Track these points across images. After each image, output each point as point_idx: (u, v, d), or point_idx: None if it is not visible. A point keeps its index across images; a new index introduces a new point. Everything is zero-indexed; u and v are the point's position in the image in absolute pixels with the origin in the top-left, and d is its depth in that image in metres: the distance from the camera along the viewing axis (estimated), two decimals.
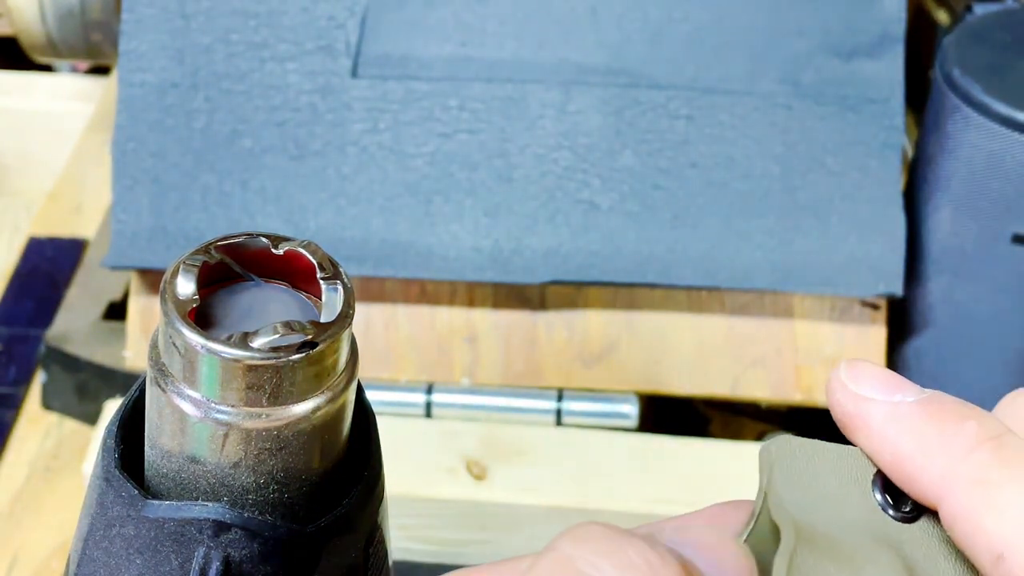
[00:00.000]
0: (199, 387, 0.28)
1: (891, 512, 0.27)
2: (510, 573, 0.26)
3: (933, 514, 0.26)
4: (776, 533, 0.26)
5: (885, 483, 0.27)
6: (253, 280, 0.30)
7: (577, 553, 0.24)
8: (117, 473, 0.30)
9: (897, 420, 0.26)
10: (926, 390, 0.27)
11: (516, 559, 0.26)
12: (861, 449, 0.27)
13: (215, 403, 0.28)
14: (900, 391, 0.27)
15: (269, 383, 0.28)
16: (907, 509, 0.27)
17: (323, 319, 0.29)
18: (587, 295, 0.64)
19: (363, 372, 0.31)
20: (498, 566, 0.26)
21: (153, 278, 0.64)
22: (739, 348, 0.64)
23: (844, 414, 0.27)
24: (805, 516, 0.27)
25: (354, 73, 0.64)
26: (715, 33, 0.64)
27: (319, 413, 0.29)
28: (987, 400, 0.28)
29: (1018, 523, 0.24)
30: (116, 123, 0.64)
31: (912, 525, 0.27)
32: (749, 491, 0.28)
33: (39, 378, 0.70)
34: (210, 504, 0.29)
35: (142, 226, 0.63)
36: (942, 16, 0.77)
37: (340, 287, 0.29)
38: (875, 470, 0.27)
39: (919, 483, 0.26)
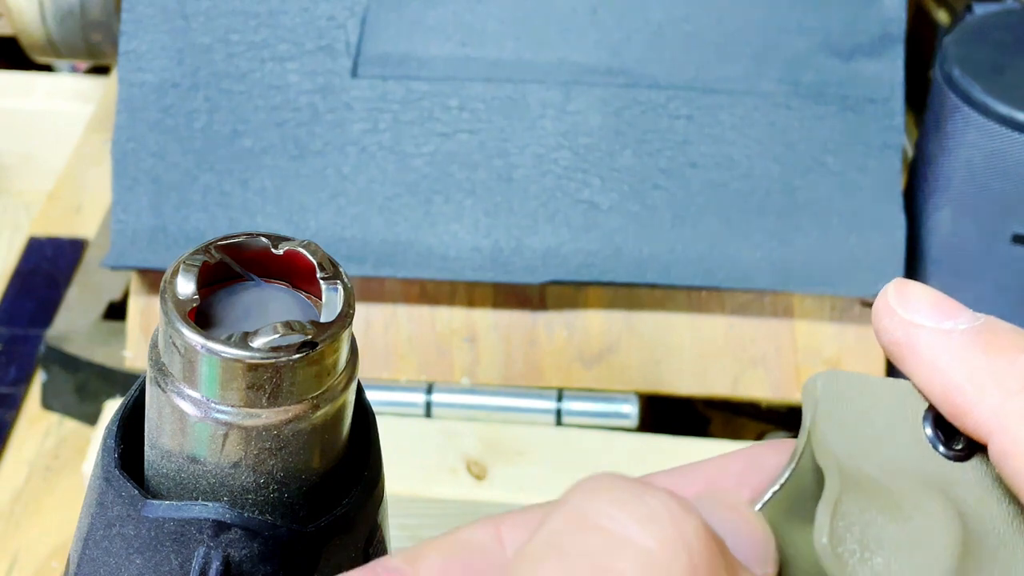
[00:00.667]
0: (199, 387, 0.28)
1: (942, 450, 0.25)
2: (521, 527, 0.25)
3: (986, 452, 0.25)
4: (818, 475, 0.25)
5: (936, 418, 0.25)
6: (253, 280, 0.30)
7: (592, 506, 0.22)
8: (117, 473, 0.30)
9: (948, 349, 0.24)
10: (980, 316, 0.25)
11: (529, 509, 0.25)
12: (911, 381, 0.26)
13: (215, 403, 0.28)
14: (952, 316, 0.25)
15: (269, 383, 0.28)
16: (959, 447, 0.25)
17: (323, 319, 0.29)
18: (587, 295, 0.64)
19: (363, 372, 0.31)
20: (511, 516, 0.25)
21: (153, 278, 0.64)
22: (739, 348, 0.64)
23: (892, 342, 0.25)
24: (851, 458, 0.25)
25: (354, 73, 0.64)
26: (715, 33, 0.64)
27: (319, 413, 0.29)
28: None
29: None
30: (116, 123, 0.64)
31: (964, 464, 0.25)
32: None
33: (39, 378, 0.70)
34: (210, 504, 0.29)
35: (142, 226, 0.63)
36: (942, 16, 0.77)
37: (340, 287, 0.29)
38: (926, 405, 0.26)
39: (970, 417, 0.24)
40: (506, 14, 0.65)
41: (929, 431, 0.25)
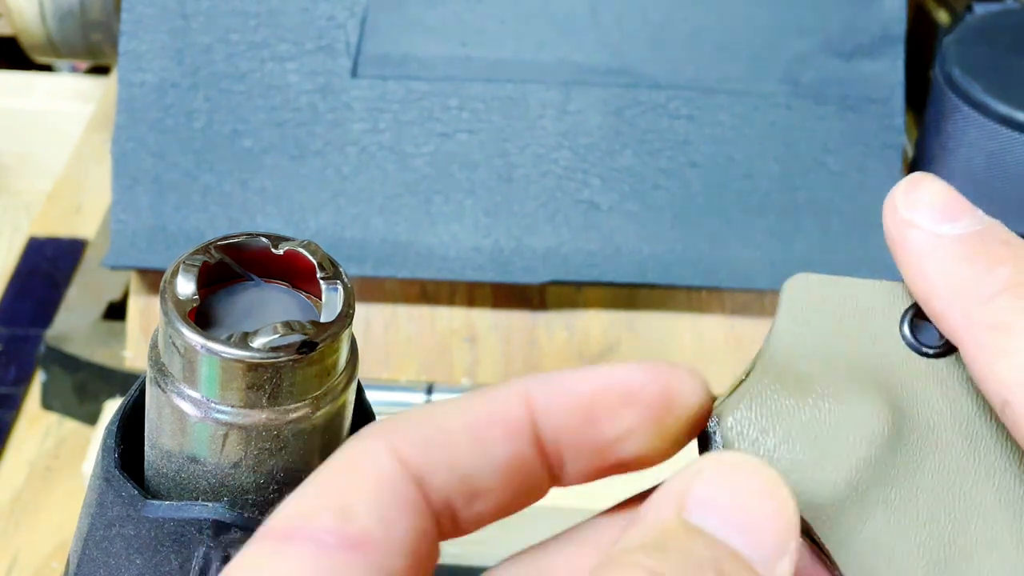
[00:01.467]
0: (199, 387, 0.28)
1: (922, 348, 0.26)
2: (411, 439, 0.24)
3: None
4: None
5: (915, 316, 0.26)
6: (253, 280, 0.30)
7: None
8: (117, 473, 0.30)
9: (935, 253, 0.25)
10: (985, 219, 0.25)
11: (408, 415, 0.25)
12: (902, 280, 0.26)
13: (215, 403, 0.28)
14: (953, 219, 0.25)
15: (269, 383, 0.28)
16: (939, 344, 0.26)
17: (323, 319, 0.29)
18: (587, 295, 0.64)
19: (363, 372, 0.31)
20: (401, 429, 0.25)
21: (153, 278, 0.64)
22: (739, 348, 0.64)
23: (890, 239, 0.26)
24: (799, 354, 0.26)
25: (354, 73, 0.64)
26: (715, 33, 0.64)
27: (319, 413, 0.29)
28: None
29: None
30: (116, 123, 0.64)
31: (940, 361, 0.26)
32: None
33: (39, 378, 0.70)
34: (210, 504, 0.29)
35: (142, 226, 0.63)
36: (942, 16, 0.77)
37: (340, 287, 0.29)
38: (912, 302, 0.26)
39: (944, 322, 0.25)
40: (506, 14, 0.65)
41: (906, 328, 0.26)
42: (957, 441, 0.25)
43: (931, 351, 0.26)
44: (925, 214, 0.25)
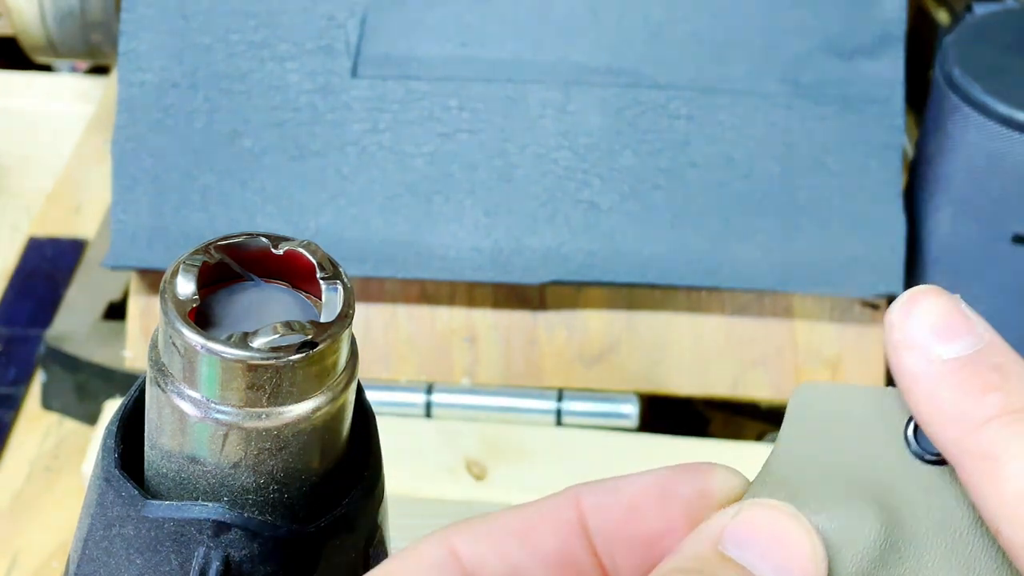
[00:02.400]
0: (199, 387, 0.28)
1: (924, 454, 0.26)
2: (477, 541, 0.27)
3: None
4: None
5: (917, 427, 0.26)
6: (253, 280, 0.30)
7: None
8: (117, 473, 0.30)
9: (929, 377, 0.25)
10: (984, 338, 0.26)
11: (480, 520, 0.28)
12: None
13: (215, 403, 0.28)
14: (949, 339, 0.25)
15: (269, 383, 0.28)
16: (937, 453, 0.26)
17: (323, 319, 0.29)
18: (587, 295, 0.64)
19: (363, 372, 0.31)
20: (463, 528, 0.28)
21: (153, 278, 0.64)
22: (739, 348, 0.64)
23: (887, 356, 0.26)
24: (802, 463, 0.26)
25: (354, 73, 0.64)
26: (715, 33, 0.64)
27: (319, 413, 0.29)
28: None
29: (1016, 503, 0.24)
30: (116, 123, 0.64)
31: (943, 467, 0.26)
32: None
33: (39, 378, 0.70)
34: (210, 504, 0.29)
35: (142, 226, 0.63)
36: (942, 16, 0.77)
37: (340, 287, 0.29)
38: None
39: (937, 444, 0.25)
40: (506, 14, 0.65)
41: (911, 433, 0.26)
42: (952, 553, 0.26)
43: (932, 458, 0.26)
44: (921, 334, 0.26)
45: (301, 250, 0.30)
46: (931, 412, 0.25)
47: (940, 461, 0.26)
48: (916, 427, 0.26)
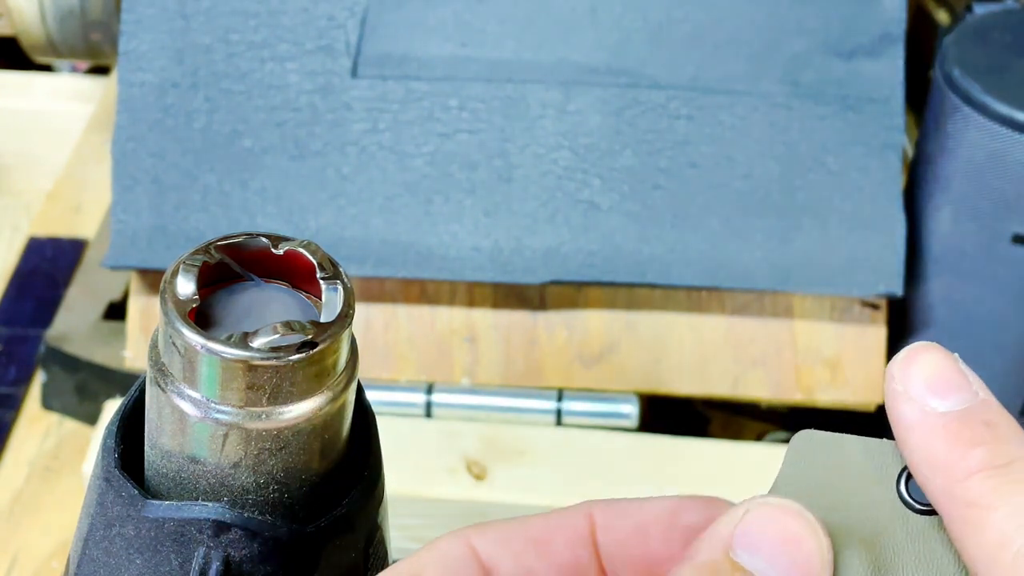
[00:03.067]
0: (199, 387, 0.28)
1: (915, 504, 0.27)
2: (497, 543, 0.29)
3: None
4: None
5: (912, 473, 0.28)
6: (253, 280, 0.30)
7: None
8: (117, 473, 0.30)
9: (922, 428, 0.27)
10: (979, 395, 0.27)
11: (502, 523, 0.29)
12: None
13: (215, 403, 0.28)
14: (944, 394, 0.27)
15: (269, 383, 0.28)
16: (927, 503, 0.27)
17: (323, 319, 0.29)
18: (587, 295, 0.64)
19: (363, 372, 0.31)
20: (484, 529, 0.29)
21: (153, 278, 0.64)
22: (739, 348, 0.64)
23: (886, 402, 0.28)
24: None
25: (354, 73, 0.64)
26: (715, 33, 0.64)
27: (319, 413, 0.29)
28: None
29: (995, 551, 0.25)
30: (116, 123, 0.64)
31: (934, 517, 0.27)
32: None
33: (39, 378, 0.70)
34: (210, 504, 0.29)
35: (142, 226, 0.63)
36: (942, 16, 0.77)
37: (340, 287, 0.29)
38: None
39: (927, 493, 0.27)
40: (506, 14, 0.65)
41: (903, 484, 0.28)
42: None
43: (923, 508, 0.27)
44: (917, 387, 0.27)
45: (301, 250, 0.30)
46: (922, 461, 0.26)
47: (930, 511, 0.27)
48: (909, 478, 0.28)
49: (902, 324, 0.65)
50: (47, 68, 0.95)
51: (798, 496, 0.27)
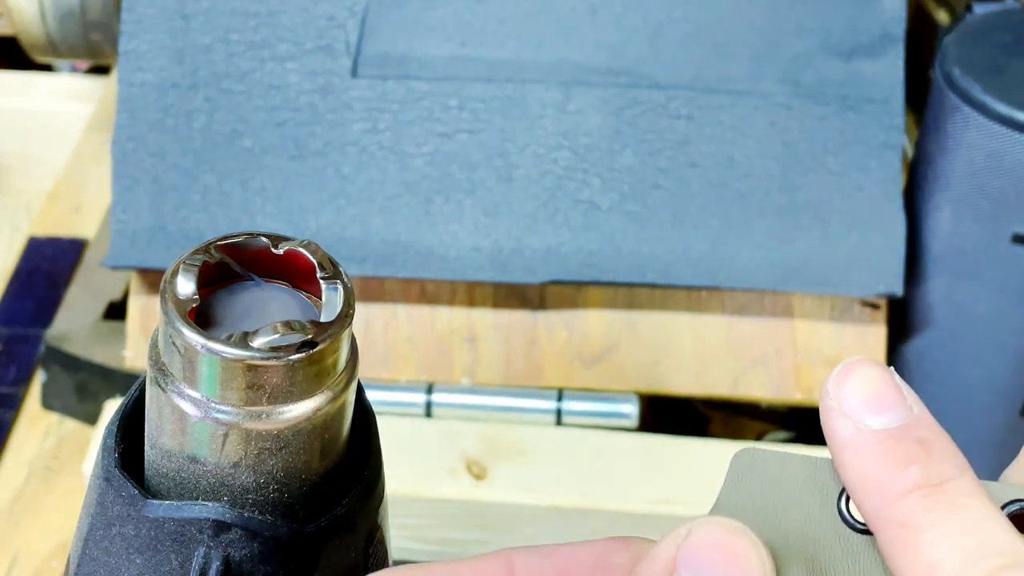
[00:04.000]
0: (199, 387, 0.28)
1: (855, 524, 0.27)
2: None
3: None
4: None
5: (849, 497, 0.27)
6: (253, 280, 0.30)
7: None
8: (117, 473, 0.30)
9: (855, 446, 0.26)
10: (913, 412, 0.26)
11: (542, 549, 0.28)
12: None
13: (215, 403, 0.28)
14: (879, 411, 0.26)
15: (269, 383, 0.28)
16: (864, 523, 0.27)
17: (323, 319, 0.29)
18: (587, 295, 0.64)
19: (363, 372, 0.31)
20: (526, 553, 0.29)
21: (153, 278, 0.64)
22: (739, 348, 0.64)
23: (821, 418, 0.27)
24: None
25: (354, 73, 0.64)
26: (715, 33, 0.64)
27: (319, 413, 0.29)
28: (988, 399, 0.28)
29: (927, 570, 0.25)
30: (116, 123, 0.64)
31: (871, 537, 0.27)
32: None
33: (39, 378, 0.70)
34: (210, 504, 0.29)
35: (142, 226, 0.63)
36: (942, 16, 0.77)
37: (340, 287, 0.29)
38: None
39: (861, 511, 0.26)
40: (506, 14, 0.65)
41: (843, 503, 0.27)
42: None
43: (862, 527, 0.27)
44: (853, 403, 0.26)
45: (301, 250, 0.30)
46: (856, 480, 0.26)
47: (868, 531, 0.27)
48: (848, 496, 0.27)
49: (902, 324, 0.65)
50: (47, 68, 0.95)
51: (740, 515, 0.27)
